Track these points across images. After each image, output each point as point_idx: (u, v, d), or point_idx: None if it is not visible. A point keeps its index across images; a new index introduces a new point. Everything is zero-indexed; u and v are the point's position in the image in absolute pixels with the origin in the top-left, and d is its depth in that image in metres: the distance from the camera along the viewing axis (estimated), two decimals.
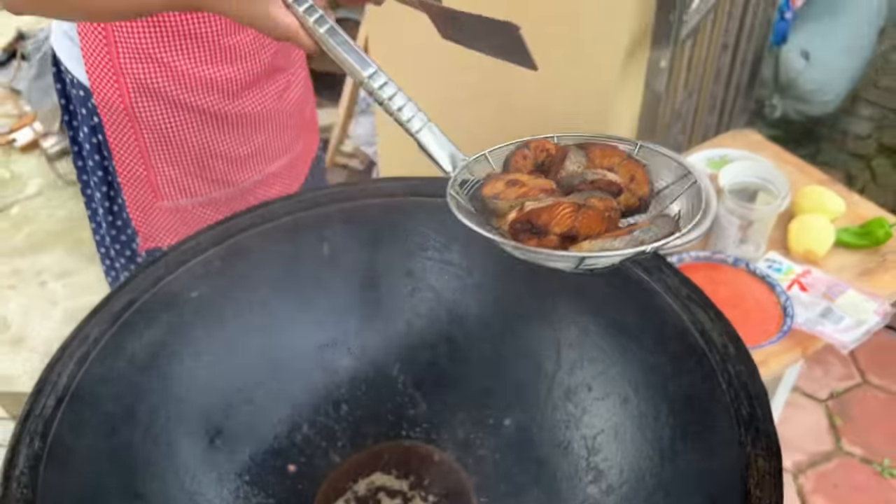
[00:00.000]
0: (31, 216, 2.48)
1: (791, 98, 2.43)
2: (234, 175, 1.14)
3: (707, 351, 0.82)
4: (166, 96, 1.03)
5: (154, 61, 1.00)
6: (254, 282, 0.95)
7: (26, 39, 3.34)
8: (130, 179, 1.11)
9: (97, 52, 1.00)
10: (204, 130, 1.08)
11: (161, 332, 0.88)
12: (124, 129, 1.06)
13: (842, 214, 1.38)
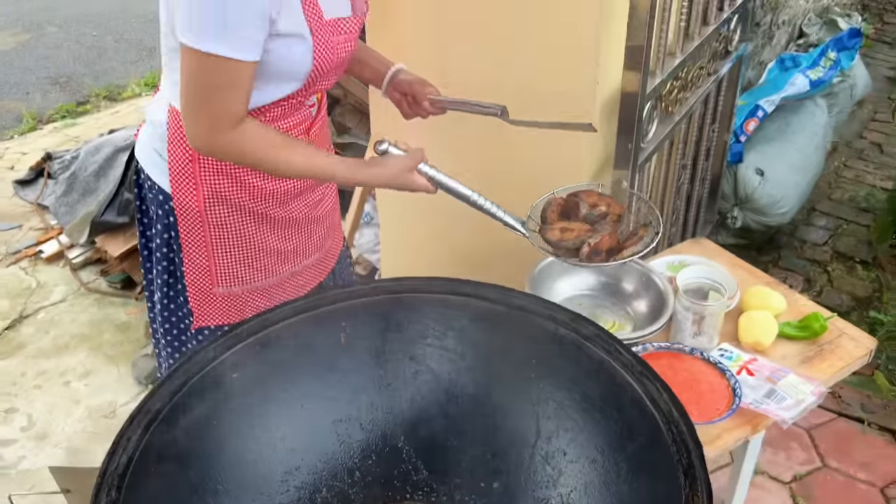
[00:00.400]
0: (56, 321, 2.67)
1: (750, 210, 2.70)
2: (278, 266, 1.40)
3: (656, 416, 1.01)
4: (234, 203, 1.31)
5: (228, 176, 1.28)
6: (283, 366, 1.15)
7: (53, 160, 3.62)
8: (194, 269, 1.35)
9: (182, 167, 1.27)
10: (259, 230, 1.35)
11: (208, 407, 1.07)
12: (195, 228, 1.32)
13: (784, 311, 1.59)
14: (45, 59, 5.45)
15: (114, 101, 4.71)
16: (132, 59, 5.43)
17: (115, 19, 6.29)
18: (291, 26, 1.15)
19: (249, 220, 1.34)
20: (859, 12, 5.14)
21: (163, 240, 1.36)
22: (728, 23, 2.11)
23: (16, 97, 4.77)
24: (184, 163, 1.27)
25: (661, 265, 1.70)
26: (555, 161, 1.64)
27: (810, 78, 2.77)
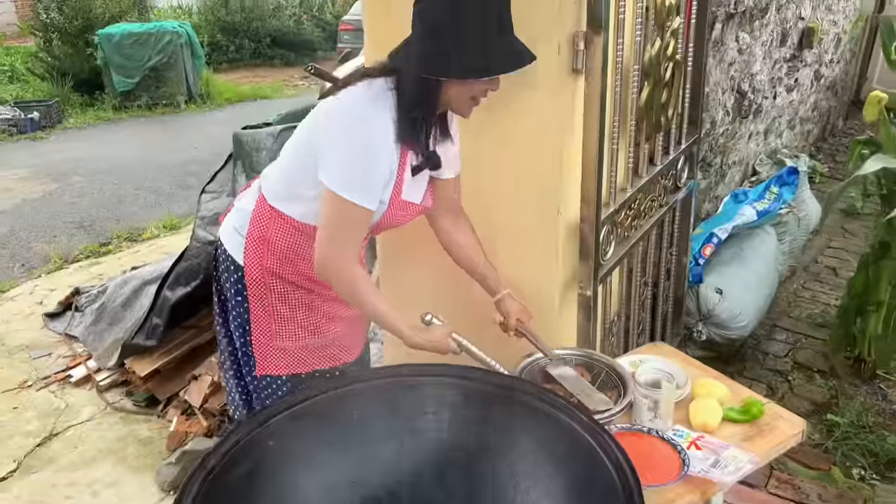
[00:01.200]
0: (84, 437, 2.90)
1: (713, 325, 3.02)
2: (326, 328, 1.76)
3: (610, 466, 1.28)
4: (290, 281, 1.70)
5: (289, 262, 1.69)
6: (309, 436, 1.42)
7: (81, 294, 3.96)
8: (259, 328, 1.73)
9: (255, 249, 1.69)
10: (310, 298, 1.73)
11: (251, 465, 1.34)
12: (262, 296, 1.71)
13: (728, 398, 1.88)
14: (71, 205, 5.92)
15: (134, 241, 5.11)
16: (151, 204, 5.91)
17: (135, 170, 6.85)
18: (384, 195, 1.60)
19: (303, 294, 1.72)
20: (813, 154, 5.71)
21: (237, 301, 1.74)
22: (675, 163, 2.52)
23: (44, 240, 5.18)
24: (258, 246, 1.68)
25: (625, 362, 2.00)
26: (531, 273, 1.97)
27: (757, 209, 3.18)
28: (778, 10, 3.82)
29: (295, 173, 1.66)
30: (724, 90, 3.37)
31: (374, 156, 1.53)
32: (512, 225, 1.97)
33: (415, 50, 1.51)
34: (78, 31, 9.72)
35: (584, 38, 1.75)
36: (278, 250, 1.69)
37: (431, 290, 2.11)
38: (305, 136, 1.66)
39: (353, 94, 1.56)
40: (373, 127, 1.52)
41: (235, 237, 1.75)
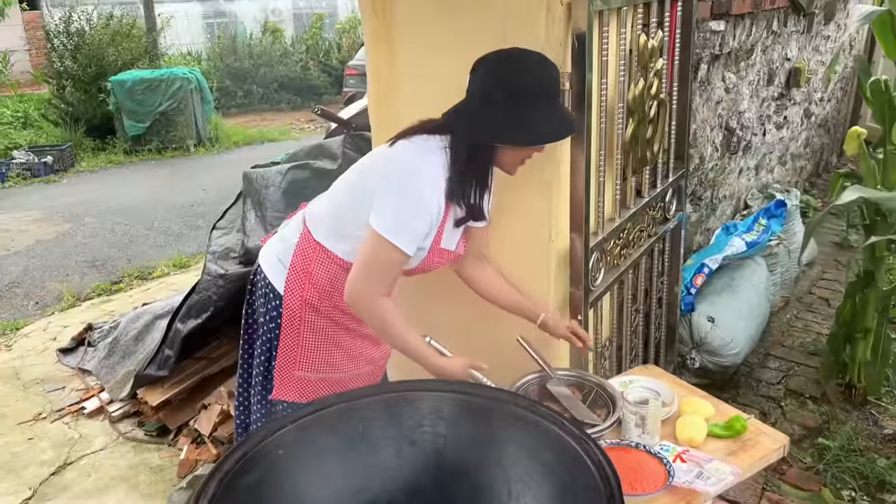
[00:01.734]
0: (97, 466, 2.99)
1: (705, 353, 3.11)
2: (345, 365, 1.87)
3: (593, 469, 1.38)
4: (324, 314, 1.82)
5: (327, 296, 1.80)
6: (315, 446, 1.53)
7: (94, 329, 4.07)
8: (284, 353, 1.84)
9: (297, 281, 1.80)
10: (338, 334, 1.84)
11: (261, 473, 1.44)
12: (293, 323, 1.82)
13: (713, 415, 1.98)
14: (83, 245, 6.07)
15: (145, 279, 5.25)
16: (161, 244, 6.06)
17: (146, 211, 7.03)
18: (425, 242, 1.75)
19: (334, 326, 1.84)
20: (807, 189, 5.84)
21: (269, 328, 1.86)
22: (663, 195, 2.65)
23: (57, 279, 5.32)
24: (299, 278, 1.80)
25: (615, 382, 2.10)
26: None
27: (746, 240, 3.30)
28: (763, 52, 3.99)
29: (344, 212, 1.79)
30: (711, 127, 3.51)
31: (424, 207, 1.67)
32: (506, 251, 2.10)
33: (474, 115, 1.68)
34: (91, 78, 10.01)
35: (568, 79, 1.89)
36: (319, 284, 1.81)
37: (432, 313, 2.22)
38: (357, 178, 1.80)
39: (410, 146, 1.72)
40: (426, 180, 1.67)
41: (278, 266, 1.87)
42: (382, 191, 1.67)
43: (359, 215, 1.72)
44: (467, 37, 2.01)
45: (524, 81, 1.64)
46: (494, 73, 1.67)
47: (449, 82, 2.08)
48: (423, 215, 1.67)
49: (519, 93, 1.64)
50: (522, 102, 1.64)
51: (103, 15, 10.89)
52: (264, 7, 18.30)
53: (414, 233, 1.67)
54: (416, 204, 1.66)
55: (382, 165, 1.73)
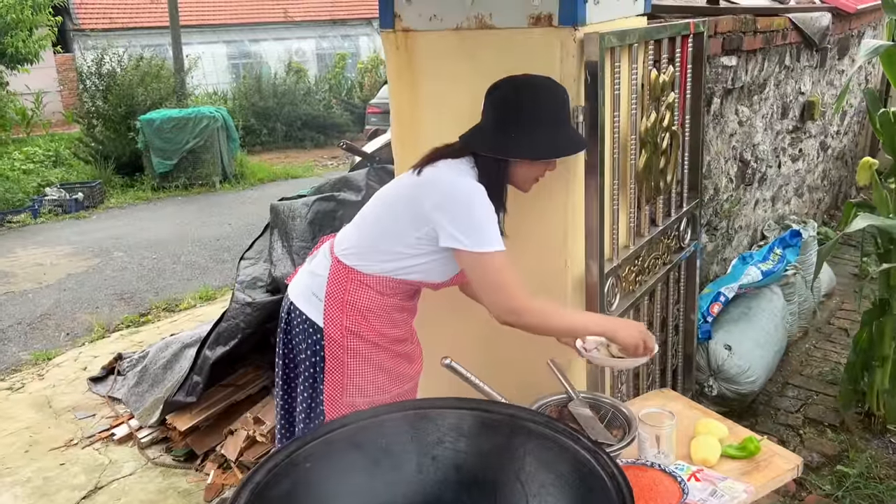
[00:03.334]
0: (127, 490, 3.07)
1: (723, 380, 3.15)
2: (389, 386, 1.95)
3: (608, 481, 1.44)
4: (365, 338, 1.89)
5: (364, 319, 1.88)
6: (341, 460, 1.60)
7: (123, 359, 4.18)
8: (331, 382, 1.92)
9: (335, 311, 1.89)
10: (380, 356, 1.92)
11: (290, 484, 1.52)
12: (337, 354, 1.90)
13: (727, 436, 2.02)
14: (112, 278, 6.23)
15: (172, 312, 5.37)
16: (187, 277, 6.20)
17: (173, 245, 7.19)
18: None
19: (373, 350, 1.92)
20: (826, 221, 5.87)
21: (311, 362, 1.94)
22: (678, 224, 2.72)
23: (87, 311, 5.46)
24: (337, 308, 1.89)
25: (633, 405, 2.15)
26: None
27: (762, 269, 3.35)
28: (777, 86, 4.08)
29: (375, 236, 1.90)
30: (726, 159, 3.59)
31: (486, 207, 1.78)
32: (522, 277, 2.17)
33: (489, 134, 1.82)
34: (121, 118, 10.32)
35: (582, 112, 1.99)
36: (356, 309, 1.90)
37: (454, 331, 2.28)
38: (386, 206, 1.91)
39: (440, 171, 1.82)
40: (473, 188, 1.78)
41: (313, 300, 1.95)
42: (444, 219, 1.77)
43: (391, 239, 1.85)
44: (486, 73, 2.11)
45: (535, 102, 1.80)
46: (507, 95, 1.83)
47: (469, 117, 2.18)
48: (489, 212, 1.78)
49: (530, 112, 1.80)
50: (534, 121, 1.79)
51: (133, 57, 11.25)
52: (288, 48, 18.74)
53: (494, 230, 1.77)
54: (479, 208, 1.77)
55: (423, 195, 1.81)
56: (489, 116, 1.85)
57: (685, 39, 2.55)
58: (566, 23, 1.97)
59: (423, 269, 1.90)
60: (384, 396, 1.97)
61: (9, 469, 3.29)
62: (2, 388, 4.17)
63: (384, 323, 1.93)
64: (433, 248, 1.85)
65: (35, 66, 11.64)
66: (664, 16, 2.95)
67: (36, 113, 14.02)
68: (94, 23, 16.53)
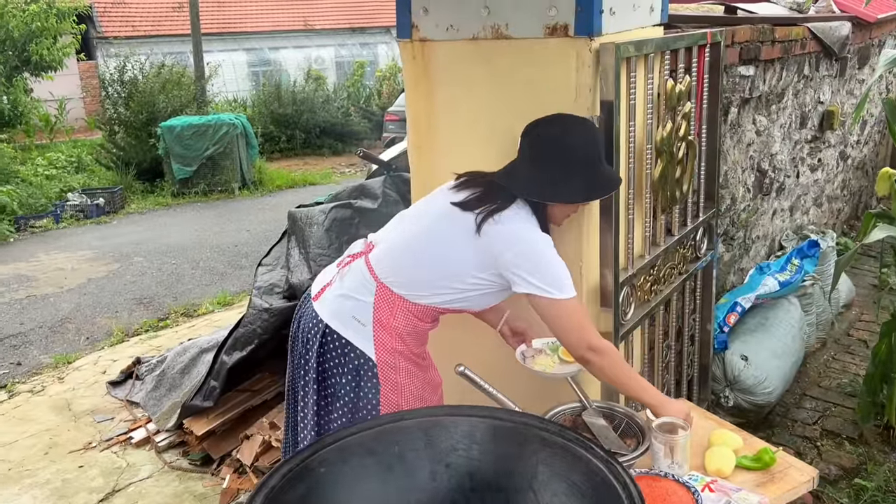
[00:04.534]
0: (144, 493, 3.10)
1: (739, 391, 3.13)
2: (431, 396, 2.03)
3: (619, 490, 1.44)
4: (408, 357, 1.97)
5: (402, 342, 1.95)
6: (355, 465, 1.61)
7: (142, 363, 4.23)
8: (389, 404, 1.96)
9: (385, 336, 1.94)
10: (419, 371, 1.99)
11: (305, 489, 1.53)
12: (391, 377, 1.95)
13: (741, 447, 2.01)
14: (132, 283, 6.30)
15: (190, 317, 5.42)
16: (206, 282, 6.25)
17: (192, 250, 7.27)
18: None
19: (414, 367, 1.99)
20: (846, 231, 5.82)
21: (352, 385, 1.97)
22: (694, 234, 2.71)
23: (106, 315, 5.53)
24: (385, 331, 1.93)
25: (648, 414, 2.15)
26: None
27: (779, 280, 3.33)
28: (795, 95, 4.06)
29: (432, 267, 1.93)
30: (743, 169, 3.58)
31: (556, 254, 1.86)
32: None
33: (531, 178, 1.87)
34: (142, 124, 10.45)
35: (597, 121, 1.99)
36: (400, 332, 1.95)
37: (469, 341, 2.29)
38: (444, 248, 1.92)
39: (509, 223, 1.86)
40: (544, 237, 1.87)
41: (353, 324, 1.95)
42: (522, 270, 1.83)
43: (450, 278, 1.92)
44: (501, 81, 2.13)
45: (572, 145, 1.87)
46: (544, 138, 1.88)
47: (483, 125, 2.21)
48: (561, 260, 1.86)
49: (568, 155, 1.86)
50: (572, 164, 1.86)
51: (155, 64, 11.39)
52: (307, 56, 18.88)
53: (568, 276, 1.85)
54: (553, 258, 1.85)
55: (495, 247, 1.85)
56: (526, 156, 1.90)
57: (702, 49, 2.55)
58: (582, 33, 1.98)
59: (471, 301, 1.97)
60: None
61: (29, 471, 3.34)
62: (23, 391, 4.23)
63: (416, 342, 2.01)
64: (491, 287, 1.93)
65: (59, 73, 11.81)
66: (681, 25, 2.95)
67: (59, 119, 14.22)
68: (116, 30, 16.75)
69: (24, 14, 10.83)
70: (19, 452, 3.50)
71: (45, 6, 11.05)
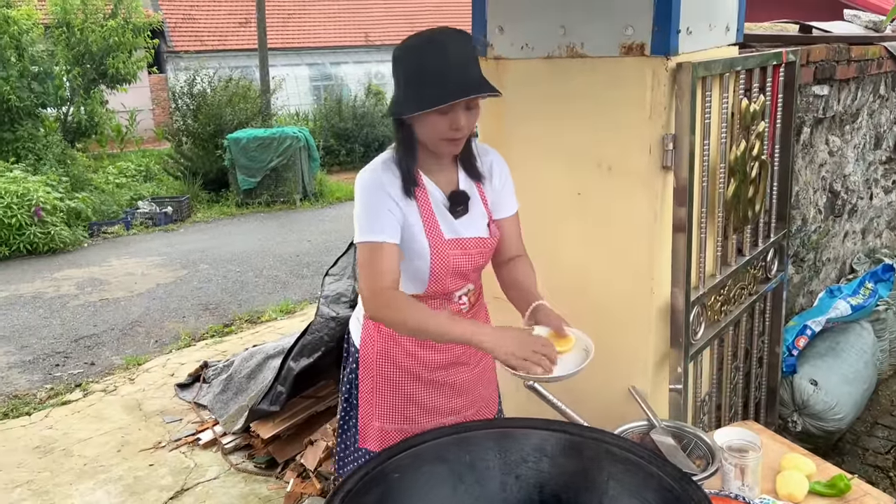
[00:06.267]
0: (211, 493, 3.19)
1: (808, 416, 3.06)
2: (421, 418, 1.92)
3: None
4: (398, 363, 1.88)
5: (394, 341, 1.87)
6: (427, 473, 1.64)
7: (209, 367, 4.35)
8: (364, 404, 1.92)
9: (368, 333, 1.89)
10: (412, 386, 1.90)
11: (379, 494, 1.57)
12: (371, 377, 1.90)
13: (814, 473, 1.98)
14: (198, 290, 6.49)
15: (254, 323, 5.56)
16: (269, 290, 6.40)
17: (255, 259, 7.44)
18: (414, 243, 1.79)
19: (406, 378, 1.90)
20: None
21: (348, 378, 1.97)
22: (765, 254, 2.68)
23: (175, 319, 5.71)
24: (372, 331, 1.89)
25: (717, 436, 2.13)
26: (625, 349, 2.16)
27: (851, 304, 3.25)
28: (870, 116, 3.97)
29: None
30: (815, 189, 3.51)
31: (373, 197, 1.74)
32: (607, 302, 2.19)
33: (392, 100, 1.78)
34: (209, 136, 10.77)
35: (672, 140, 2.00)
36: (384, 329, 1.87)
37: None
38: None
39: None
40: (366, 180, 1.77)
41: (355, 322, 2.00)
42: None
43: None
44: (575, 99, 2.16)
45: (421, 52, 1.69)
46: (394, 57, 1.75)
47: (556, 144, 2.23)
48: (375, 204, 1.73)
49: (417, 64, 1.69)
50: (421, 71, 1.68)
51: (222, 78, 11.74)
52: (368, 71, 19.19)
53: (375, 223, 1.72)
54: (363, 199, 1.76)
55: None
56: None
57: (776, 68, 2.53)
58: (658, 52, 1.99)
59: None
60: (415, 427, 1.89)
61: (102, 466, 3.47)
62: (97, 390, 4.40)
63: (417, 343, 1.87)
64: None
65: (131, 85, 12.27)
66: (755, 45, 2.93)
67: (130, 130, 14.75)
68: (186, 45, 17.33)
69: (102, 29, 11.30)
70: (94, 449, 3.64)
71: (123, 21, 11.50)
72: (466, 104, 1.69)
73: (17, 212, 7.83)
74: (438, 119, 1.69)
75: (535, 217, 2.08)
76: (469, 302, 1.92)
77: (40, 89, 10.52)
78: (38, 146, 10.09)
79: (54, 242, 8.02)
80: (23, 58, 10.36)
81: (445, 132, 1.71)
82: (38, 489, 3.30)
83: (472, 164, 1.88)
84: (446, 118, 1.69)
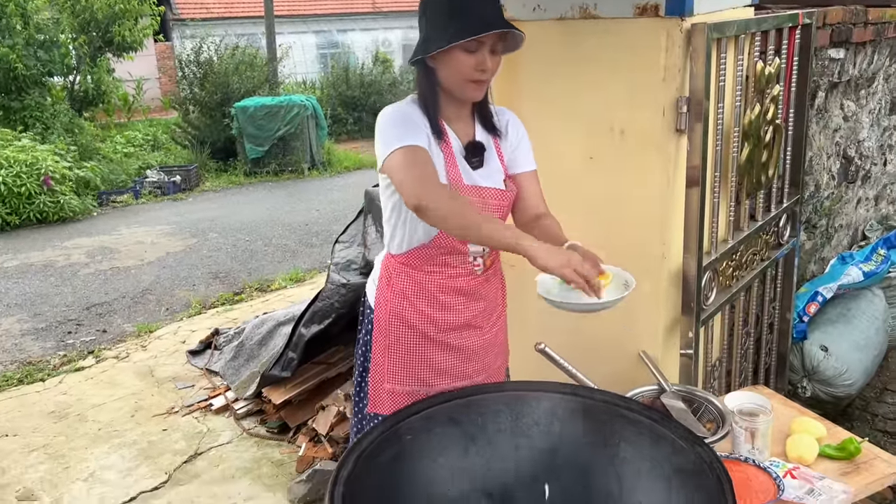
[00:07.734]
0: (224, 457, 3.23)
1: (818, 382, 3.06)
2: (434, 380, 1.91)
3: (707, 469, 1.45)
4: (412, 324, 1.87)
5: (407, 301, 1.86)
6: (439, 434, 1.66)
7: (220, 334, 4.38)
8: (375, 367, 1.92)
9: (382, 294, 1.89)
10: (423, 346, 1.90)
11: (393, 453, 1.58)
12: (383, 338, 1.89)
13: (825, 436, 1.99)
14: (208, 258, 6.51)
15: (264, 291, 5.58)
16: (278, 259, 6.42)
17: (265, 227, 7.46)
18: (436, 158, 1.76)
19: (417, 337, 1.88)
20: None
21: (364, 340, 1.97)
22: (777, 220, 2.66)
23: (185, 288, 5.74)
24: (385, 290, 1.88)
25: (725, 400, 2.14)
26: (636, 313, 2.16)
27: (863, 270, 3.23)
28: (886, 80, 3.91)
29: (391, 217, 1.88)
30: (828, 155, 3.48)
31: (405, 115, 1.75)
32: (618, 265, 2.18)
33: (417, 44, 1.78)
34: (216, 105, 10.74)
35: (686, 103, 1.98)
36: (398, 290, 1.87)
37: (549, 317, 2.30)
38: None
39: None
40: (393, 109, 1.78)
41: (370, 284, 1.99)
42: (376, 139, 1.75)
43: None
44: (588, 61, 2.13)
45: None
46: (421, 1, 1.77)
47: (569, 107, 2.21)
48: (408, 118, 1.74)
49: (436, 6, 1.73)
50: (438, 12, 1.72)
51: (230, 46, 11.66)
52: (375, 38, 19.03)
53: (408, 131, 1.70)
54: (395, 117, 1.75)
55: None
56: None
57: (792, 31, 2.49)
58: (673, 13, 1.96)
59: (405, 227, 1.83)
60: (426, 390, 1.90)
61: (117, 431, 3.52)
62: (109, 357, 4.44)
63: (430, 304, 1.86)
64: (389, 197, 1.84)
65: (137, 53, 12.20)
66: (771, 6, 2.88)
67: (137, 99, 14.70)
68: (192, 12, 17.19)
69: None
70: (108, 414, 3.69)
71: None
72: (492, 47, 1.72)
73: (26, 180, 7.85)
74: (465, 58, 1.69)
75: (545, 181, 2.06)
76: (484, 265, 1.90)
77: (46, 57, 10.47)
78: (46, 115, 10.08)
79: (64, 211, 8.05)
80: (28, 25, 10.30)
81: (471, 73, 1.71)
82: (54, 453, 3.35)
83: (489, 118, 1.89)
84: (473, 57, 1.70)
